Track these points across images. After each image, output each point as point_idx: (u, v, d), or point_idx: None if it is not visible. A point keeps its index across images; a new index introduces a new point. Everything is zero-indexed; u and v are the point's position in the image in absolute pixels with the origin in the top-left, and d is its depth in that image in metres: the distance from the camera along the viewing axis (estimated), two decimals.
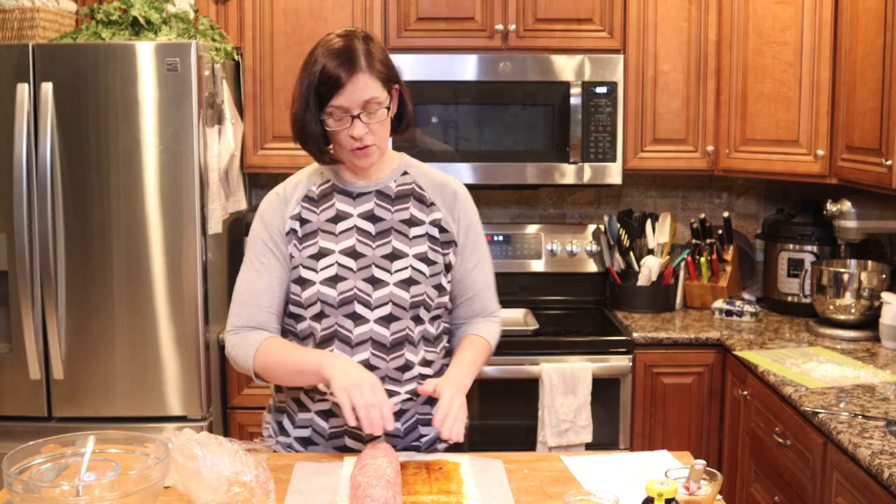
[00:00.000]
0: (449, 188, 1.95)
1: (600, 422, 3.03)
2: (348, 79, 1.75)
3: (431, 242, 1.89)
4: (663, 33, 3.29)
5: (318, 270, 1.84)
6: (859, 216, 3.02)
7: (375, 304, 1.84)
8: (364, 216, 1.88)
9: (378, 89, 1.78)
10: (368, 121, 1.79)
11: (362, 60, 1.76)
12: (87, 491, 1.42)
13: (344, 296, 1.83)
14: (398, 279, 1.85)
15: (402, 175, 1.93)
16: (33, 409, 2.88)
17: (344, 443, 1.88)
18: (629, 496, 1.60)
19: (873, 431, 2.07)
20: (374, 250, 1.86)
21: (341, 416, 1.77)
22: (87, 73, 2.79)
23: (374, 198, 1.89)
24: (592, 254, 3.57)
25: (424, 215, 1.90)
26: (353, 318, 1.83)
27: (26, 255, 2.80)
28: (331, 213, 1.88)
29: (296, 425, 1.91)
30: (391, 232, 1.87)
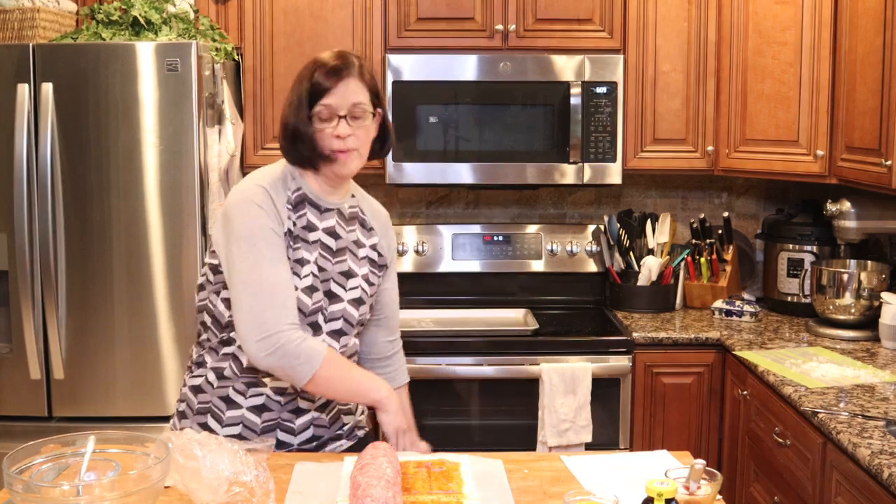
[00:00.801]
0: (383, 215, 2.10)
1: (600, 422, 3.03)
2: (339, 80, 1.85)
3: (371, 266, 2.01)
4: (663, 33, 3.29)
5: (301, 277, 1.88)
6: (859, 216, 3.03)
7: (330, 318, 1.91)
8: (327, 231, 1.95)
9: (366, 97, 1.88)
10: (354, 124, 1.87)
11: (355, 68, 1.88)
12: (87, 491, 1.42)
13: (314, 306, 1.90)
14: (351, 297, 1.95)
15: (350, 197, 2.02)
16: (33, 409, 2.88)
17: (276, 436, 1.92)
18: (629, 496, 1.60)
19: (873, 431, 2.07)
20: (333, 266, 1.93)
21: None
22: (87, 73, 2.79)
23: (336, 216, 1.97)
24: (592, 254, 3.57)
25: (365, 239, 2.02)
26: (314, 328, 1.90)
27: (26, 255, 2.80)
28: (304, 222, 1.93)
29: (224, 424, 1.92)
30: (346, 251, 1.97)
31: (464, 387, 3.06)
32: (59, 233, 2.83)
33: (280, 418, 1.92)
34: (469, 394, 3.07)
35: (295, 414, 1.93)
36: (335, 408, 1.99)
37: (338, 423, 2.01)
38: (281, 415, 1.92)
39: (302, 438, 1.95)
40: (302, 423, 1.94)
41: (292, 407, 1.92)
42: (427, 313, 3.34)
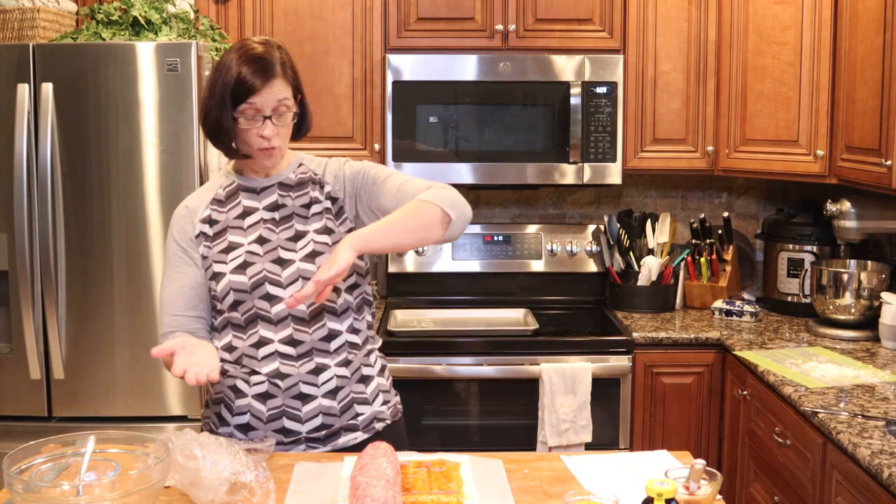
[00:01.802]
0: (336, 162, 2.05)
1: (600, 422, 3.03)
2: (266, 81, 1.86)
3: (328, 214, 1.98)
4: (663, 33, 3.29)
5: (227, 262, 1.93)
6: (859, 216, 3.03)
7: (287, 283, 1.91)
8: (269, 208, 1.98)
9: (289, 94, 1.91)
10: (278, 123, 1.90)
11: (278, 67, 1.88)
12: (87, 491, 1.42)
13: (254, 279, 1.91)
14: (303, 255, 1.93)
15: (298, 167, 2.04)
16: (33, 409, 2.88)
17: (282, 424, 1.92)
18: (629, 496, 1.60)
19: (873, 431, 2.07)
20: (278, 234, 1.95)
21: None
22: (87, 73, 2.79)
23: (277, 189, 2.00)
24: (592, 254, 3.57)
25: (319, 193, 2.00)
26: (268, 299, 1.91)
27: (26, 255, 2.80)
28: (238, 211, 1.98)
29: (234, 413, 1.95)
30: (293, 217, 1.97)
31: (464, 387, 3.06)
32: (59, 233, 2.83)
33: (285, 405, 1.92)
34: (469, 394, 3.07)
35: (300, 400, 1.92)
36: (348, 395, 1.97)
37: (350, 412, 1.97)
38: (285, 401, 1.92)
39: (310, 426, 1.93)
40: (309, 411, 1.92)
41: (295, 392, 1.91)
42: (427, 313, 3.34)
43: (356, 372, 1.98)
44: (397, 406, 2.10)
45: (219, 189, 2.01)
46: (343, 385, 1.96)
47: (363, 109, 3.31)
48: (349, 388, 1.97)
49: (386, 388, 2.07)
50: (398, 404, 2.11)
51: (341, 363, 1.95)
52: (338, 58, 3.29)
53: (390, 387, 2.10)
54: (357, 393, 1.98)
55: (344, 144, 3.31)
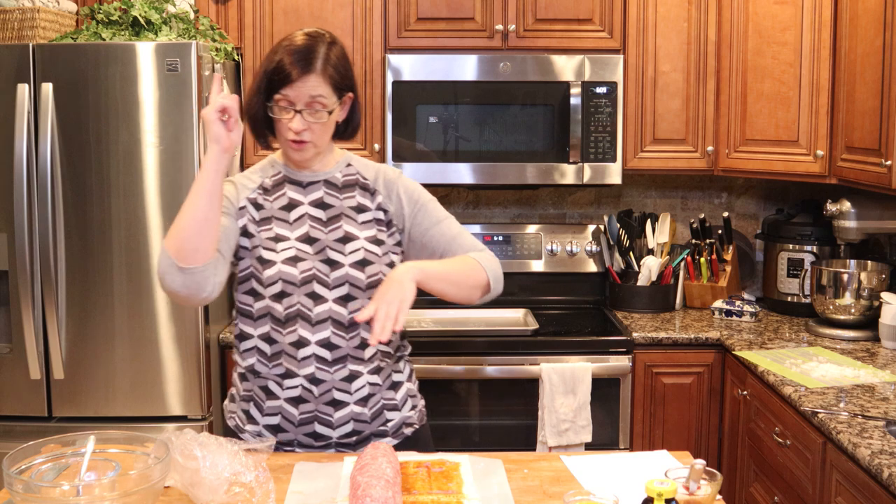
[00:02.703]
0: (390, 173, 2.03)
1: (600, 422, 3.03)
2: (299, 75, 1.84)
3: (379, 225, 1.98)
4: (663, 33, 3.29)
5: (277, 251, 1.91)
6: (859, 216, 3.03)
7: (333, 284, 1.91)
8: (315, 204, 1.97)
9: (327, 92, 1.88)
10: (310, 119, 1.88)
11: (319, 63, 1.86)
12: (87, 491, 1.42)
13: (304, 275, 1.90)
14: (353, 260, 1.92)
15: (346, 167, 2.03)
16: (33, 409, 2.88)
17: (313, 429, 1.92)
18: (629, 496, 1.60)
19: (873, 431, 2.07)
20: (326, 234, 1.94)
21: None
22: (87, 73, 2.79)
23: (323, 186, 1.99)
24: (592, 254, 3.57)
25: (369, 202, 1.99)
26: (313, 298, 1.90)
27: (26, 255, 2.80)
28: (283, 202, 1.97)
29: (264, 413, 1.95)
30: (342, 217, 1.96)
31: (464, 387, 3.06)
32: (59, 233, 2.83)
33: (317, 410, 1.92)
34: (469, 394, 3.07)
35: (332, 406, 1.91)
36: (379, 402, 1.97)
37: (380, 419, 1.97)
38: (318, 407, 1.91)
39: (341, 432, 1.93)
40: (341, 417, 1.92)
41: (328, 399, 1.91)
42: (427, 313, 3.33)
43: (387, 379, 1.98)
44: (422, 409, 2.10)
45: (265, 178, 2.00)
46: (375, 392, 1.95)
47: (363, 109, 3.29)
48: (380, 395, 1.97)
49: (413, 392, 2.07)
50: (423, 407, 2.11)
51: (373, 370, 1.95)
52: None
53: (416, 390, 2.10)
54: (387, 399, 1.99)
55: (344, 144, 3.29)
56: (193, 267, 1.78)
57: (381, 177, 2.02)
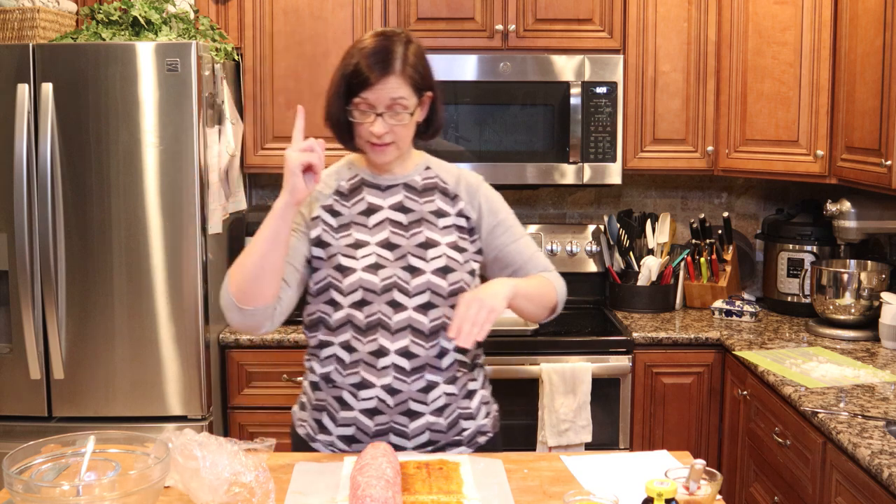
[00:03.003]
0: (472, 180, 2.00)
1: (600, 422, 3.03)
2: (378, 78, 1.80)
3: (459, 232, 1.94)
4: (663, 33, 3.29)
5: (357, 258, 1.87)
6: (859, 216, 3.03)
7: (414, 292, 1.87)
8: (395, 207, 1.93)
9: (407, 93, 1.83)
10: (391, 121, 1.84)
11: (398, 63, 1.82)
12: (87, 491, 1.42)
13: (385, 283, 1.86)
14: (434, 267, 1.88)
15: (425, 170, 1.99)
16: (33, 409, 2.88)
17: (388, 439, 1.89)
18: (629, 496, 1.60)
19: (873, 431, 2.07)
20: (408, 240, 1.90)
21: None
22: (87, 73, 2.79)
23: (403, 190, 1.95)
24: (592, 254, 3.57)
25: (450, 207, 1.95)
26: (393, 306, 1.86)
27: (26, 255, 2.80)
28: (362, 207, 1.92)
29: (338, 423, 1.92)
30: (422, 222, 1.92)
31: None
32: (59, 233, 2.83)
33: (392, 422, 1.88)
34: None
35: (408, 417, 1.88)
36: (454, 412, 1.93)
37: (456, 428, 1.93)
38: (393, 418, 1.88)
39: (416, 443, 1.90)
40: (416, 427, 1.89)
41: (404, 409, 1.88)
42: None
43: (463, 388, 1.95)
44: (496, 415, 2.06)
45: (341, 181, 1.96)
46: (451, 402, 1.92)
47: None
48: (456, 405, 1.94)
49: (487, 398, 2.03)
50: (496, 412, 2.07)
51: (449, 380, 1.91)
52: (338, 58, 3.22)
53: (490, 396, 2.06)
54: (463, 409, 1.95)
55: None
56: (253, 308, 1.81)
57: (462, 182, 1.98)
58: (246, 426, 3.08)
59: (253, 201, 3.69)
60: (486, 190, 2.00)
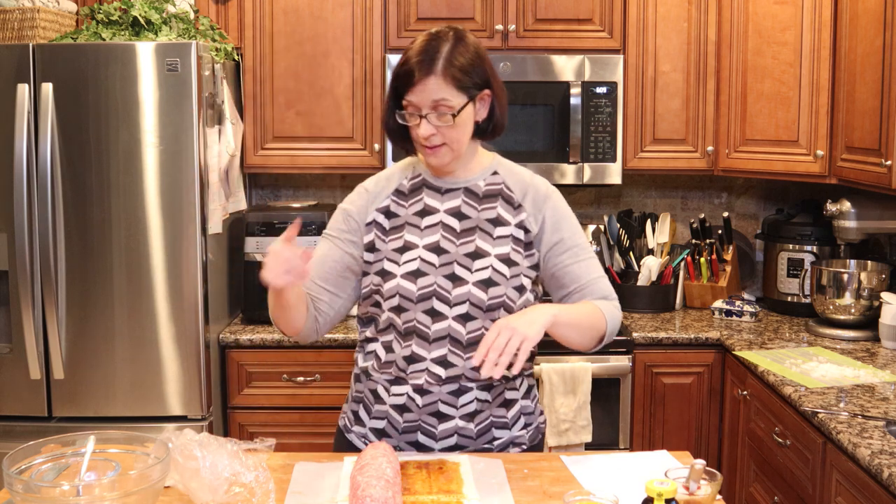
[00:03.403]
0: (541, 190, 1.94)
1: (600, 422, 3.03)
2: (420, 79, 1.77)
3: (515, 244, 1.88)
4: (663, 33, 3.29)
5: (400, 264, 1.86)
6: (859, 216, 3.03)
7: (454, 302, 1.84)
8: (451, 212, 1.89)
9: (450, 93, 1.78)
10: (437, 122, 1.79)
11: (439, 64, 1.77)
12: (87, 491, 1.42)
13: (423, 291, 1.84)
14: (478, 279, 1.84)
15: (491, 175, 1.93)
16: (33, 409, 2.88)
17: (416, 438, 1.88)
18: (629, 496, 1.60)
19: (873, 431, 2.07)
20: (457, 247, 1.86)
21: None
22: (87, 73, 2.79)
23: (462, 195, 1.90)
24: None
25: (511, 216, 1.89)
26: (432, 315, 1.84)
27: (26, 255, 2.80)
28: (418, 207, 1.90)
29: (371, 416, 1.93)
30: (476, 230, 1.87)
31: None
32: (59, 233, 2.83)
33: (421, 420, 1.86)
34: None
35: (437, 418, 1.86)
36: (487, 419, 1.89)
37: (487, 436, 1.90)
38: (421, 417, 1.86)
39: (444, 445, 1.88)
40: (445, 430, 1.87)
41: (432, 410, 1.86)
42: None
43: (499, 396, 1.91)
44: (539, 427, 2.00)
45: (403, 179, 1.93)
46: (483, 409, 1.89)
47: (363, 109, 3.30)
48: (489, 412, 1.90)
49: (529, 409, 1.98)
50: (541, 425, 2.02)
51: (484, 387, 1.88)
52: (338, 58, 3.29)
53: (535, 407, 2.00)
54: (497, 417, 1.91)
55: (344, 144, 3.31)
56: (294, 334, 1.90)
57: (530, 192, 1.91)
58: (246, 426, 3.08)
59: (253, 201, 3.69)
60: (555, 202, 1.93)
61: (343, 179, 3.66)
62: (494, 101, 1.88)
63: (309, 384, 3.05)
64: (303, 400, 3.05)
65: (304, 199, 3.57)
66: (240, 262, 3.22)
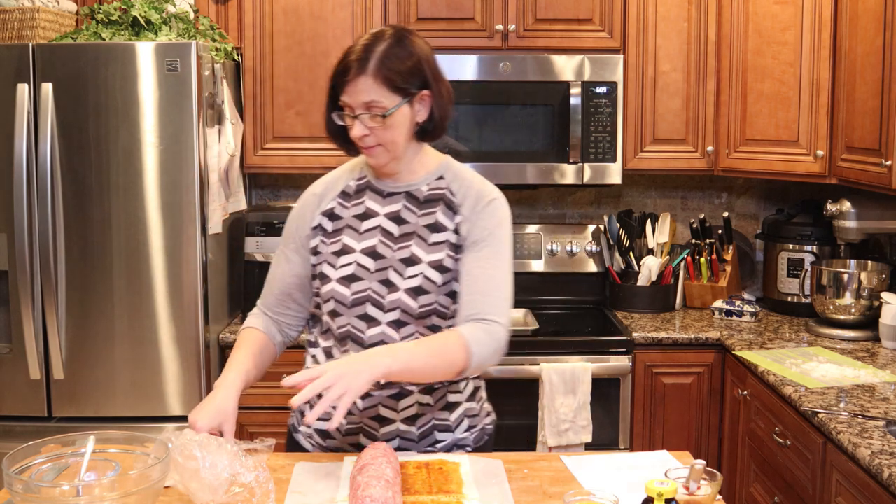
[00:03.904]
0: (485, 195, 1.87)
1: (600, 422, 3.03)
2: (352, 78, 1.75)
3: (450, 249, 1.83)
4: (663, 33, 3.29)
5: (336, 267, 1.85)
6: (859, 216, 3.03)
7: (388, 308, 1.82)
8: (390, 216, 1.86)
9: (382, 94, 1.75)
10: (370, 123, 1.77)
11: (371, 63, 1.74)
12: (87, 491, 1.42)
13: (356, 296, 1.82)
14: (408, 286, 1.81)
15: (436, 179, 1.89)
16: (33, 409, 2.88)
17: (358, 440, 1.89)
18: (629, 496, 1.60)
19: (873, 431, 2.07)
20: (394, 252, 1.84)
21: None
22: (87, 73, 2.79)
23: (404, 199, 1.87)
24: (592, 254, 3.57)
25: (449, 221, 1.85)
26: (366, 320, 1.83)
27: (26, 255, 2.80)
28: (360, 210, 1.88)
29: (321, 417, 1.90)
30: (413, 236, 1.84)
31: None
32: (59, 233, 2.83)
33: (363, 423, 1.86)
34: None
35: (378, 422, 1.86)
36: (429, 422, 1.88)
37: (429, 439, 1.89)
38: (363, 420, 1.86)
39: None
40: (386, 433, 1.86)
41: (373, 413, 1.85)
42: None
43: (441, 399, 1.89)
44: (484, 429, 1.99)
45: (350, 180, 1.92)
46: (424, 412, 1.88)
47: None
48: (431, 416, 1.89)
49: (474, 412, 1.95)
50: (487, 426, 2.00)
51: (426, 390, 1.86)
52: (337, 58, 3.28)
53: (480, 409, 1.98)
54: (440, 420, 1.90)
55: None
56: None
57: (471, 196, 1.86)
58: (246, 426, 3.08)
59: (253, 201, 3.69)
60: (495, 209, 1.86)
61: None
62: (440, 101, 1.83)
63: None
64: None
65: None
66: (240, 262, 3.22)
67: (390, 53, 1.76)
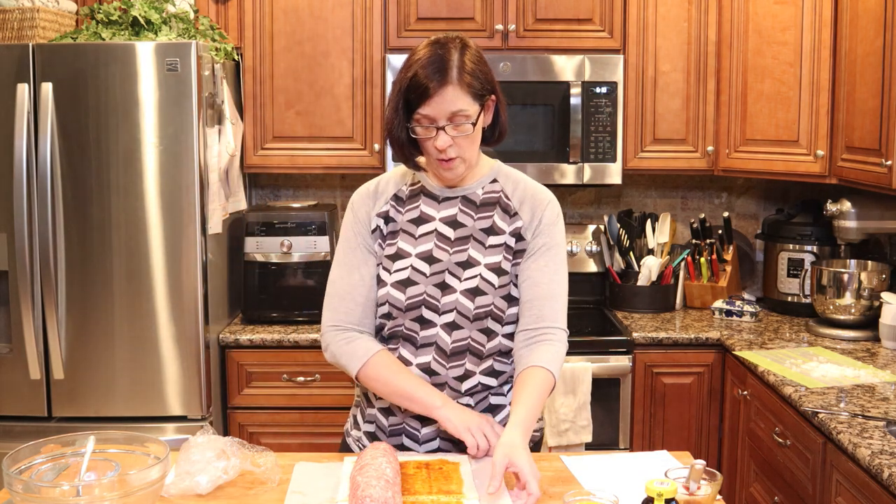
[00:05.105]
0: (540, 196, 1.90)
1: (600, 422, 3.03)
2: (436, 90, 1.72)
3: (507, 252, 1.85)
4: (663, 33, 3.29)
5: (391, 272, 1.85)
6: (859, 216, 3.03)
7: (443, 310, 1.83)
8: (446, 221, 1.87)
9: (466, 102, 1.75)
10: (454, 133, 1.76)
11: (453, 72, 1.73)
12: (87, 491, 1.42)
13: (411, 301, 1.83)
14: (465, 287, 1.83)
15: (490, 182, 1.90)
16: (33, 409, 2.88)
17: (401, 441, 1.89)
18: (629, 496, 1.60)
19: (873, 431, 2.07)
20: (450, 256, 1.85)
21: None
22: (87, 73, 2.79)
23: (459, 203, 1.88)
24: (592, 254, 3.57)
25: (506, 224, 1.87)
26: (420, 322, 1.84)
27: (26, 255, 2.80)
28: (414, 214, 1.88)
29: (364, 420, 1.95)
30: (469, 240, 1.85)
31: None
32: (59, 233, 2.83)
33: (405, 423, 1.87)
34: None
35: (419, 422, 1.86)
36: None
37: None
38: (405, 420, 1.87)
39: (427, 448, 1.88)
40: (427, 433, 1.87)
41: (415, 413, 1.85)
42: None
43: (482, 402, 1.90)
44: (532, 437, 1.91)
45: (403, 185, 1.91)
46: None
47: (363, 109, 3.31)
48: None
49: None
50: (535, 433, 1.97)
51: (469, 393, 1.87)
52: (338, 58, 3.29)
53: None
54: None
55: (344, 144, 3.31)
56: None
57: (528, 200, 1.88)
58: (246, 426, 3.08)
59: (253, 201, 3.69)
60: (551, 212, 1.89)
61: (343, 179, 3.66)
62: (498, 106, 1.85)
63: (309, 384, 3.05)
64: (303, 400, 3.05)
65: (304, 199, 3.57)
66: (240, 262, 3.22)
67: (465, 59, 1.76)
